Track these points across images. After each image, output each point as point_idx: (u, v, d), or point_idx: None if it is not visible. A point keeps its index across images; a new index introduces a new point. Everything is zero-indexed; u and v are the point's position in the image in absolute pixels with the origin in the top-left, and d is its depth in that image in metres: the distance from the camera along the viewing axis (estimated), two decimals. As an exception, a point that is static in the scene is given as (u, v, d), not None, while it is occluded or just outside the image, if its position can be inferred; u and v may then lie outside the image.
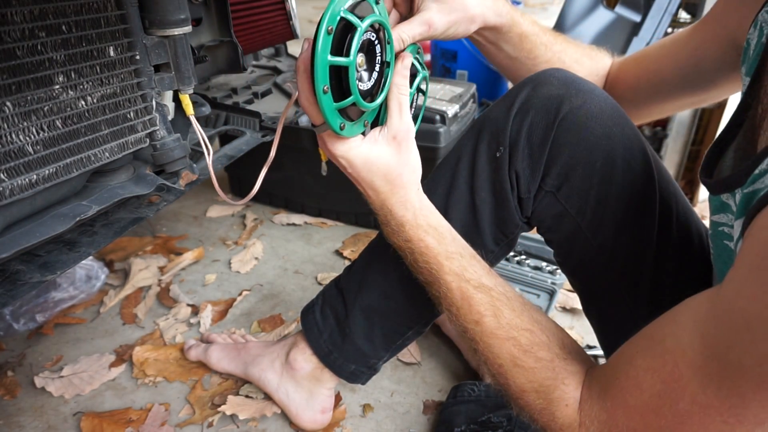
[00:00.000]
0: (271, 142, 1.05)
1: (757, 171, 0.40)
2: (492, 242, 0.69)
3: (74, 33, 0.56)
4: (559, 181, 0.62)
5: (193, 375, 0.93)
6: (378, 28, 0.50)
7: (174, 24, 0.64)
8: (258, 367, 0.85)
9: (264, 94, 1.24)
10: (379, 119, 0.57)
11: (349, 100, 0.49)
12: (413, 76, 0.60)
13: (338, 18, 0.45)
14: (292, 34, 0.97)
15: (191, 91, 0.69)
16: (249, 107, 1.14)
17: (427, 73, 0.62)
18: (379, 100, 0.53)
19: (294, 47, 1.43)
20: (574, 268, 0.68)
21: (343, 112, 0.50)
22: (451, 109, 1.17)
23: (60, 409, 0.87)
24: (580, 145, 0.61)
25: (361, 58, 0.49)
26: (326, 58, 0.45)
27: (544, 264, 1.17)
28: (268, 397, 0.87)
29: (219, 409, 0.86)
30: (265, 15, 0.91)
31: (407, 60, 0.55)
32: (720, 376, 0.36)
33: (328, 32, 0.45)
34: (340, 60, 0.46)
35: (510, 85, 0.79)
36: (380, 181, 0.56)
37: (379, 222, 0.60)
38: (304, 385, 0.82)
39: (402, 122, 0.55)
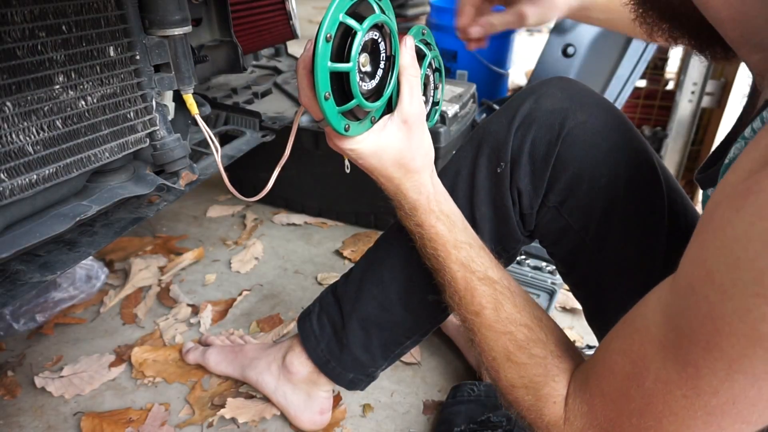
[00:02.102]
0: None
1: (726, 160, 0.41)
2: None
3: (74, 33, 0.56)
4: (562, 197, 0.61)
5: (193, 376, 0.93)
6: (381, 25, 0.50)
7: (174, 24, 0.64)
8: (255, 370, 0.85)
9: (264, 94, 1.24)
10: (391, 109, 0.56)
11: (352, 103, 0.49)
12: (421, 58, 0.58)
13: (337, 23, 0.45)
14: (292, 34, 0.97)
15: (191, 91, 0.69)
16: (249, 107, 1.14)
17: (437, 52, 0.60)
18: (384, 98, 0.52)
19: (294, 47, 1.43)
20: (578, 281, 0.68)
21: (348, 113, 0.50)
22: (451, 109, 1.17)
23: (60, 409, 0.87)
24: (585, 162, 0.59)
25: (364, 58, 0.49)
26: (326, 65, 0.45)
27: (544, 264, 1.17)
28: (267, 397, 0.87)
29: (219, 412, 0.86)
30: (265, 15, 0.91)
31: (409, 41, 0.53)
32: (676, 346, 0.36)
33: (327, 39, 0.44)
34: (341, 66, 0.46)
35: (510, 86, 0.80)
36: (393, 167, 0.54)
37: (394, 207, 0.59)
38: (302, 387, 0.82)
39: (412, 105, 0.53)
